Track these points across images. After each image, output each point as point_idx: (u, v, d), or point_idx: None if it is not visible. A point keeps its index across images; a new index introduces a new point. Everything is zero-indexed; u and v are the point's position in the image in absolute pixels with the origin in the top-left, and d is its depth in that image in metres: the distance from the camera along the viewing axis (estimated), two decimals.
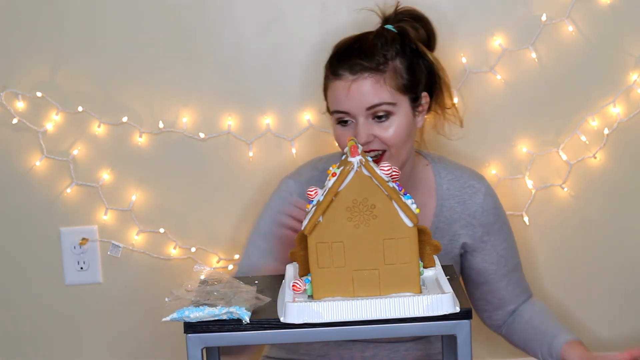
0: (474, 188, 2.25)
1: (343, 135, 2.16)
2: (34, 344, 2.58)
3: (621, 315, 2.58)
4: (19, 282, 2.57)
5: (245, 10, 2.48)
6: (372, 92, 2.11)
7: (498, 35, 2.48)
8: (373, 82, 2.11)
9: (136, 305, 2.57)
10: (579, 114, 2.52)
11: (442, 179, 2.25)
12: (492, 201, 2.26)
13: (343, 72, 2.13)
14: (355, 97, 2.11)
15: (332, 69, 2.16)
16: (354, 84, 2.11)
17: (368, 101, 2.11)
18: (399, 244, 1.66)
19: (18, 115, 2.50)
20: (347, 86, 2.12)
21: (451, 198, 2.24)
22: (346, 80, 2.12)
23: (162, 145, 2.52)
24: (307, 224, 1.66)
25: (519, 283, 2.31)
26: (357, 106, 2.12)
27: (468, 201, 2.24)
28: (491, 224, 2.25)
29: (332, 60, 2.17)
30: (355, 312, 1.64)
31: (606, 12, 2.48)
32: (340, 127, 2.16)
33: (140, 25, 2.49)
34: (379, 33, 2.18)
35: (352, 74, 2.12)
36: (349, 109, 2.12)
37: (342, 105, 2.13)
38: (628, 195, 2.55)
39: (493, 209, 2.26)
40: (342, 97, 2.13)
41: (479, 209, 2.24)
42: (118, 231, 2.55)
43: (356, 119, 2.12)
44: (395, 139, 2.12)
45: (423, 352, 2.27)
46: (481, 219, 2.24)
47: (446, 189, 2.24)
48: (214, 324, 1.67)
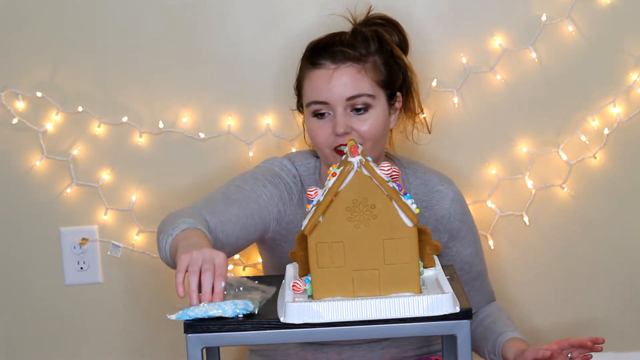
0: (442, 193, 2.23)
1: (319, 129, 2.12)
2: (34, 344, 2.58)
3: (621, 315, 2.58)
4: (19, 282, 2.57)
5: (245, 10, 2.48)
6: (353, 81, 2.10)
7: (498, 35, 2.48)
8: (355, 72, 2.10)
9: (136, 305, 2.57)
10: (579, 114, 2.52)
11: (410, 184, 2.23)
12: (459, 206, 2.24)
13: (324, 61, 2.11)
14: (336, 87, 2.09)
15: (311, 59, 2.13)
16: (335, 73, 2.10)
17: (349, 91, 2.09)
18: (399, 244, 1.66)
19: (18, 115, 2.50)
20: (328, 74, 2.10)
21: (418, 203, 2.21)
22: (327, 68, 2.10)
23: (162, 145, 2.52)
24: (307, 224, 1.66)
25: (481, 290, 2.28)
26: (337, 96, 2.09)
27: (435, 206, 2.22)
28: (457, 230, 2.23)
29: (311, 52, 2.15)
30: (355, 312, 1.64)
31: (606, 12, 2.48)
32: (316, 120, 2.13)
33: (140, 25, 2.49)
34: (356, 30, 2.18)
35: (333, 63, 2.11)
36: (329, 99, 2.10)
37: (322, 95, 2.10)
38: (628, 195, 2.55)
39: (460, 214, 2.24)
40: (322, 86, 2.10)
41: (445, 214, 2.22)
42: (118, 231, 2.55)
43: (334, 110, 2.10)
44: (372, 132, 2.11)
45: (399, 349, 2.25)
46: (447, 224, 2.22)
47: (414, 193, 2.22)
48: (214, 324, 1.67)
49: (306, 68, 2.15)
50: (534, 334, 2.58)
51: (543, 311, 2.58)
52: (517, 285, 2.56)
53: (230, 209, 2.07)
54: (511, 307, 2.56)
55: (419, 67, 2.29)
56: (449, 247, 2.23)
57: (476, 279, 2.28)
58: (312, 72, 2.13)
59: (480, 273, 2.29)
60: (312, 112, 2.13)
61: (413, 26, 2.40)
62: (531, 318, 2.57)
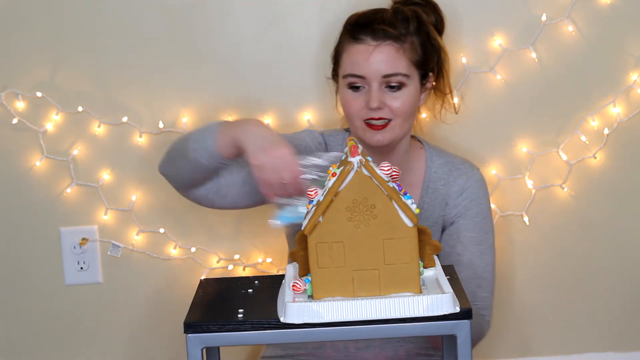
0: (461, 171, 2.27)
1: (353, 101, 2.18)
2: (34, 344, 2.58)
3: (621, 315, 2.58)
4: (19, 282, 2.57)
5: (245, 10, 2.48)
6: (391, 60, 2.15)
7: (498, 35, 2.48)
8: (394, 51, 2.16)
9: (136, 305, 2.57)
10: (579, 114, 2.52)
11: (432, 163, 2.28)
12: (475, 187, 2.26)
13: (365, 37, 2.16)
14: (374, 63, 2.15)
15: (353, 33, 2.18)
16: (375, 50, 2.15)
17: (386, 69, 2.15)
18: (399, 244, 1.66)
19: (18, 115, 2.50)
20: (368, 50, 2.15)
21: (437, 180, 2.26)
22: (368, 44, 2.16)
23: (162, 145, 2.52)
24: (307, 224, 1.66)
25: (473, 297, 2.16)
26: (374, 72, 2.15)
27: (452, 182, 2.26)
28: (465, 208, 2.24)
29: (353, 25, 2.20)
30: (355, 312, 1.64)
31: (606, 12, 2.48)
32: (352, 92, 2.19)
33: (140, 25, 2.49)
34: (397, 10, 2.22)
35: (374, 40, 2.16)
36: (366, 74, 2.16)
37: (360, 69, 2.16)
38: (628, 195, 2.55)
39: (475, 194, 2.25)
40: (362, 61, 2.16)
41: (458, 189, 2.25)
42: (118, 231, 2.55)
43: (370, 84, 2.16)
44: (403, 109, 2.17)
45: (415, 344, 2.26)
46: (457, 199, 2.25)
47: (434, 172, 2.27)
48: (214, 324, 1.67)
49: (346, 41, 2.20)
50: (534, 333, 2.58)
51: (543, 311, 2.58)
52: (517, 285, 2.56)
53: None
54: (511, 307, 2.56)
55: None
56: (453, 223, 2.25)
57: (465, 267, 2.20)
58: (352, 46, 2.18)
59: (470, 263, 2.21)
60: (348, 84, 2.19)
61: None
62: (531, 318, 2.57)
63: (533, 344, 2.59)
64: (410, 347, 2.26)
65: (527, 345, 2.57)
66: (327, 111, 2.49)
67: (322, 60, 2.48)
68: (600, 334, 2.59)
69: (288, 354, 2.29)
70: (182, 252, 2.55)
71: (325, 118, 2.50)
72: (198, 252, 2.55)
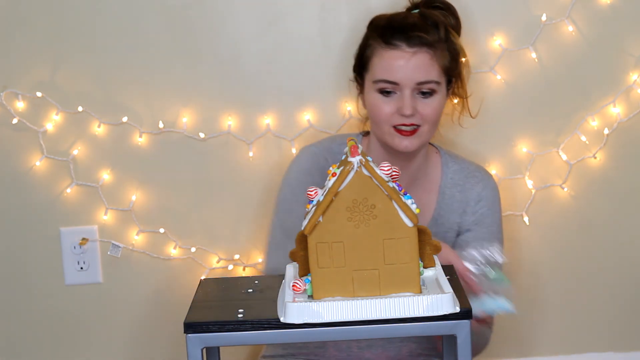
0: (477, 178, 2.28)
1: (384, 106, 2.17)
2: (34, 344, 2.58)
3: (621, 315, 2.58)
4: (19, 282, 2.57)
5: (245, 10, 2.48)
6: (426, 67, 2.15)
7: (498, 35, 2.48)
8: (428, 58, 2.15)
9: (136, 305, 2.57)
10: (579, 114, 2.52)
11: (448, 168, 2.28)
12: (492, 195, 2.27)
13: (400, 43, 2.15)
14: (409, 70, 2.14)
15: (385, 38, 2.16)
16: (413, 57, 2.14)
17: (421, 76, 2.15)
18: (399, 244, 1.66)
19: (18, 115, 2.50)
20: (403, 57, 2.14)
21: (454, 187, 2.26)
22: (403, 51, 2.15)
23: (162, 145, 2.52)
24: (307, 224, 1.66)
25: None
26: (409, 79, 2.14)
27: (468, 189, 2.26)
28: (483, 216, 2.25)
29: (384, 30, 2.18)
30: (355, 312, 1.64)
31: (606, 12, 2.48)
32: (382, 97, 2.18)
33: (140, 25, 2.49)
34: (425, 15, 2.21)
35: (409, 46, 2.15)
36: (400, 81, 2.15)
37: (394, 75, 2.15)
38: (628, 195, 2.55)
39: (491, 202, 2.26)
40: (396, 67, 2.15)
41: (475, 197, 2.26)
42: (118, 231, 2.55)
43: (402, 91, 2.15)
44: (432, 116, 2.17)
45: (418, 344, 2.26)
46: (475, 207, 2.25)
47: (450, 178, 2.27)
48: (214, 324, 1.67)
49: (378, 45, 2.18)
50: (534, 334, 2.58)
51: (543, 311, 2.58)
52: (517, 286, 2.56)
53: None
54: None
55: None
56: (470, 230, 2.25)
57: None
58: (386, 51, 2.16)
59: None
60: (379, 89, 2.17)
61: None
62: (531, 318, 2.57)
63: (533, 344, 2.59)
64: (413, 347, 2.26)
65: (527, 345, 2.57)
66: (327, 111, 2.50)
67: (323, 60, 2.48)
68: (600, 334, 2.59)
69: (289, 353, 2.29)
70: (182, 252, 2.55)
71: (325, 118, 2.50)
72: (198, 252, 2.55)
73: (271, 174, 2.51)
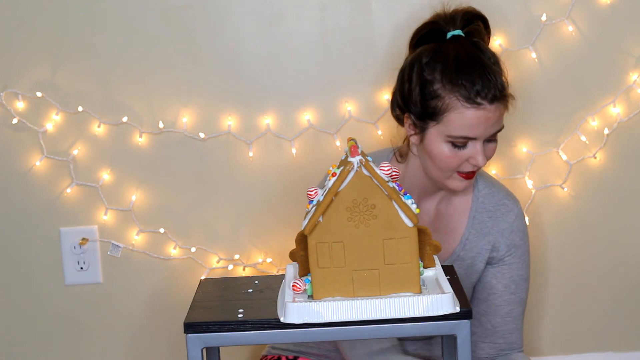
0: (508, 207, 2.24)
1: (455, 157, 2.10)
2: (34, 344, 2.58)
3: (621, 315, 2.58)
4: (19, 282, 2.57)
5: (245, 10, 2.48)
6: (499, 119, 2.11)
7: (498, 35, 2.48)
8: (502, 110, 2.11)
9: (136, 305, 2.57)
10: (579, 114, 2.52)
11: (479, 192, 2.24)
12: (522, 225, 2.25)
13: (483, 102, 2.07)
14: (489, 126, 2.09)
15: (468, 95, 2.07)
16: (492, 114, 2.08)
17: (495, 128, 2.11)
18: (399, 244, 1.66)
19: (18, 115, 2.50)
20: (486, 117, 2.08)
21: (484, 212, 2.23)
22: (485, 110, 2.07)
23: (162, 145, 2.52)
24: (307, 224, 1.66)
25: (516, 321, 2.24)
26: (486, 134, 2.10)
27: (500, 218, 2.23)
28: (516, 247, 2.23)
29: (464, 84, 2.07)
30: (355, 312, 1.64)
31: (606, 12, 2.48)
32: (453, 147, 2.10)
33: (140, 25, 2.49)
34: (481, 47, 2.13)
35: (490, 104, 2.07)
36: (479, 136, 2.09)
37: (474, 132, 2.08)
38: (628, 195, 2.55)
39: (522, 232, 2.24)
40: (477, 125, 2.08)
41: (508, 227, 2.22)
42: (118, 231, 2.55)
43: (475, 142, 2.10)
44: (491, 156, 2.15)
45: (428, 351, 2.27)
46: (509, 238, 2.22)
47: (481, 202, 2.23)
48: (214, 324, 1.67)
49: (456, 99, 2.07)
50: (534, 334, 2.58)
51: (543, 311, 2.58)
52: None
53: None
54: None
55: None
56: (504, 262, 2.23)
57: (518, 305, 2.24)
58: (470, 111, 2.07)
59: (522, 302, 2.25)
60: (453, 142, 2.10)
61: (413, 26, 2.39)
62: (531, 318, 2.57)
63: (533, 344, 2.59)
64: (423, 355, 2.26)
65: (527, 345, 2.57)
66: (327, 111, 2.49)
67: (323, 60, 2.48)
68: (600, 334, 2.59)
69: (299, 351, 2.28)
70: (182, 252, 2.55)
71: (325, 118, 2.50)
72: (198, 252, 2.55)
73: (271, 174, 2.51)
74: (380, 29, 2.47)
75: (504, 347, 2.23)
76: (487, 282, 2.22)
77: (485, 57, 2.10)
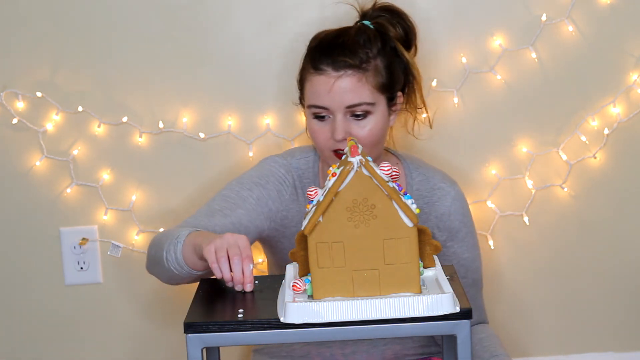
0: (444, 191, 2.22)
1: (320, 131, 2.14)
2: (34, 344, 2.58)
3: (621, 315, 2.58)
4: (19, 282, 2.57)
5: (245, 10, 2.48)
6: (353, 90, 2.10)
7: (498, 35, 2.48)
8: (355, 81, 2.10)
9: (136, 305, 2.57)
10: (579, 114, 2.52)
11: (412, 179, 2.23)
12: (461, 206, 2.23)
13: (326, 68, 2.11)
14: (336, 95, 2.10)
15: (313, 63, 2.13)
16: (337, 81, 2.10)
17: (349, 100, 2.10)
18: (399, 244, 1.66)
19: (18, 115, 2.50)
20: (329, 82, 2.10)
21: (420, 199, 2.22)
22: (328, 76, 2.11)
23: (162, 145, 2.52)
24: (307, 224, 1.66)
25: (474, 301, 2.24)
26: (337, 103, 2.10)
27: (436, 203, 2.22)
28: (456, 230, 2.22)
29: (313, 53, 2.15)
30: (355, 312, 1.64)
31: (606, 12, 2.48)
32: (317, 121, 2.14)
33: (140, 25, 2.49)
34: (360, 29, 2.17)
35: (335, 70, 2.10)
36: (329, 105, 2.11)
37: (322, 100, 2.11)
38: (628, 195, 2.55)
39: (461, 215, 2.22)
40: (323, 92, 2.11)
41: (446, 211, 2.21)
42: (118, 231, 2.55)
43: (334, 114, 2.12)
44: (370, 137, 2.12)
45: (402, 346, 2.25)
46: (447, 222, 2.21)
47: (416, 189, 2.22)
48: (214, 324, 1.67)
49: (308, 68, 2.14)
50: (534, 334, 2.58)
51: (543, 311, 2.58)
52: (517, 285, 2.56)
53: (214, 219, 2.14)
54: (511, 306, 2.56)
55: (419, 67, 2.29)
56: (447, 247, 2.22)
57: (471, 287, 2.24)
58: (314, 76, 2.13)
59: (475, 282, 2.26)
60: (313, 113, 2.14)
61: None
62: (531, 318, 2.57)
63: (533, 344, 2.59)
64: (398, 349, 2.25)
65: (527, 345, 2.57)
66: None
67: None
68: (600, 334, 2.59)
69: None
70: None
71: None
72: None
73: None
74: None
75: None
76: None
77: (356, 37, 2.14)
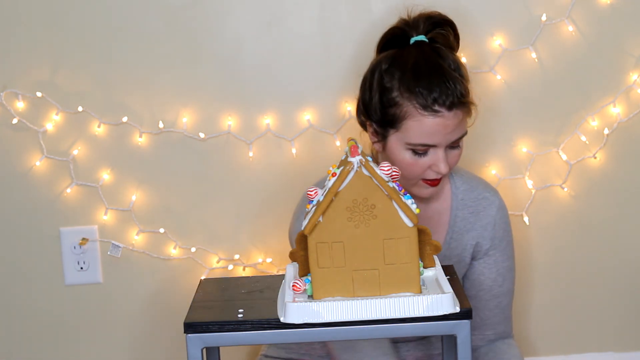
0: (489, 200, 2.23)
1: (417, 165, 2.09)
2: (34, 344, 2.58)
3: (621, 315, 2.58)
4: (19, 282, 2.57)
5: (245, 10, 2.48)
6: (460, 126, 2.09)
7: (498, 35, 2.48)
8: (462, 116, 2.09)
9: (136, 305, 2.57)
10: (579, 114, 2.52)
11: (457, 189, 2.23)
12: (505, 216, 2.25)
13: (440, 109, 2.05)
14: (448, 133, 2.07)
15: (425, 102, 2.05)
16: (450, 121, 2.06)
17: (457, 135, 2.09)
18: (399, 244, 1.66)
19: (18, 115, 2.50)
20: (444, 124, 2.06)
21: (465, 208, 2.22)
22: (443, 117, 2.06)
23: (162, 145, 2.52)
24: (307, 224, 1.66)
25: (505, 312, 2.25)
26: (447, 141, 2.08)
27: (482, 212, 2.23)
28: (499, 239, 2.23)
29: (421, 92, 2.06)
30: (355, 312, 1.64)
31: (606, 12, 2.48)
32: (413, 154, 2.09)
33: (140, 25, 2.49)
34: (452, 59, 2.11)
35: (448, 110, 2.06)
36: (438, 143, 2.08)
37: (433, 139, 2.07)
38: (628, 195, 2.55)
39: (504, 224, 2.24)
40: (436, 132, 2.06)
41: (491, 221, 2.22)
42: (118, 231, 2.55)
43: (437, 149, 2.09)
44: (455, 163, 2.14)
45: (424, 352, 2.27)
46: (492, 232, 2.22)
47: (461, 199, 2.23)
48: (214, 324, 1.67)
49: (413, 107, 2.06)
50: (534, 333, 2.58)
51: (543, 311, 2.58)
52: (517, 285, 2.56)
53: None
54: None
55: None
56: (489, 255, 2.23)
57: (505, 296, 2.25)
58: (427, 118, 2.06)
59: (509, 292, 2.26)
60: (414, 150, 2.09)
61: None
62: (531, 318, 2.57)
63: (533, 344, 2.59)
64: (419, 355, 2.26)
65: (527, 345, 2.57)
66: (327, 111, 2.50)
67: (322, 60, 2.48)
68: (600, 334, 2.59)
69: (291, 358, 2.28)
70: (182, 252, 2.55)
71: (325, 118, 2.50)
72: (198, 252, 2.55)
73: (271, 174, 2.51)
74: (380, 29, 2.46)
75: (493, 338, 2.25)
76: (475, 279, 2.23)
77: (446, 64, 2.09)
